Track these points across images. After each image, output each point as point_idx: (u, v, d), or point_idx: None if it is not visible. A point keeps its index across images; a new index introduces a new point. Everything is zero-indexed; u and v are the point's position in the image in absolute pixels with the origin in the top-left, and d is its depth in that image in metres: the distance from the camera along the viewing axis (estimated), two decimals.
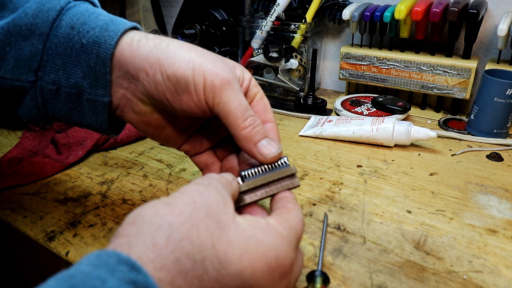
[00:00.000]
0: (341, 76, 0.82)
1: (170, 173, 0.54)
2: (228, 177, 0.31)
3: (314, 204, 0.48)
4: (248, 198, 0.32)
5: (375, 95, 0.77)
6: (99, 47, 0.31)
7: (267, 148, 0.32)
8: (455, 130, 0.68)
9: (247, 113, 0.32)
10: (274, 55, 0.78)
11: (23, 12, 0.32)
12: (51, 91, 0.33)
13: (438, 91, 0.73)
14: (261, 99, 0.35)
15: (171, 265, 0.22)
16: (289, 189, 0.33)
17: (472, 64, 0.69)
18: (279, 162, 0.33)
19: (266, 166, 0.33)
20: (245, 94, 0.34)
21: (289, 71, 0.80)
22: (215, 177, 0.30)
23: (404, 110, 0.70)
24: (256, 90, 0.35)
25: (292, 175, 0.33)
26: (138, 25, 0.34)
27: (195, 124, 0.38)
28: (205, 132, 0.39)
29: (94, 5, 0.36)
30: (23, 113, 0.34)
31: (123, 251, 0.22)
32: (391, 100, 0.73)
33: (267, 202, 0.41)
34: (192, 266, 0.23)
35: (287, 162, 0.33)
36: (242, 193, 0.32)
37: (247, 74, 0.35)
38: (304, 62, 0.79)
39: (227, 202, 0.27)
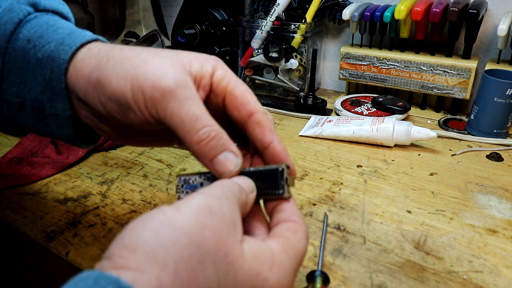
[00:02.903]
0: (341, 76, 0.82)
1: (170, 173, 0.54)
2: (247, 188, 0.28)
3: (314, 204, 0.48)
4: None
5: (375, 95, 0.77)
6: (53, 61, 0.30)
7: (223, 166, 0.28)
8: (455, 130, 0.68)
9: (198, 124, 0.27)
10: (274, 55, 0.78)
11: None
12: (16, 104, 0.32)
13: (438, 91, 0.73)
14: (234, 91, 0.30)
15: None
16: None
17: (472, 64, 0.69)
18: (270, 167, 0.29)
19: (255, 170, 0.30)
20: (210, 92, 0.31)
21: (289, 71, 0.80)
22: (234, 190, 0.27)
23: (404, 110, 0.70)
24: (225, 82, 0.30)
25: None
26: (99, 37, 0.32)
27: None
28: None
29: (63, 16, 0.34)
30: None
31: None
32: (391, 100, 0.73)
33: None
34: None
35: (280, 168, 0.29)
36: None
37: (207, 69, 0.30)
38: (304, 62, 0.79)
39: (236, 228, 0.25)
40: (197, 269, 0.22)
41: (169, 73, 0.28)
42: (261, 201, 0.32)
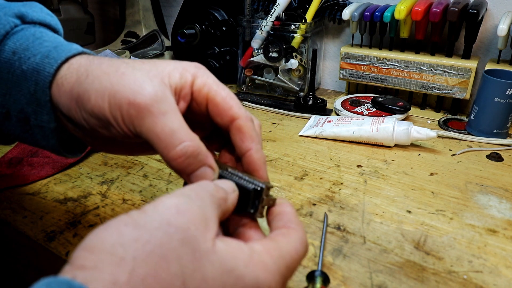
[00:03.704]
0: (341, 76, 0.82)
1: (170, 173, 0.54)
2: (227, 188, 0.28)
3: (314, 204, 0.48)
4: None
5: (375, 95, 0.77)
6: (38, 74, 0.30)
7: (200, 180, 0.28)
8: (455, 130, 0.68)
9: (175, 140, 0.27)
10: (274, 55, 0.78)
11: None
12: (2, 114, 0.32)
13: (438, 91, 0.73)
14: (215, 98, 0.30)
15: None
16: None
17: (472, 64, 0.69)
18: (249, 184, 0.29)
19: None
20: (192, 100, 0.31)
21: (289, 71, 0.80)
22: (208, 188, 0.26)
23: (404, 110, 0.70)
24: (206, 90, 0.30)
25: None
26: (86, 50, 0.32)
27: None
28: None
29: (51, 28, 0.34)
30: None
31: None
32: (391, 100, 0.73)
33: None
34: None
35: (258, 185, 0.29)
36: None
37: (186, 78, 0.30)
38: (304, 62, 0.79)
39: (208, 225, 0.24)
40: (159, 265, 0.21)
41: (146, 87, 0.27)
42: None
